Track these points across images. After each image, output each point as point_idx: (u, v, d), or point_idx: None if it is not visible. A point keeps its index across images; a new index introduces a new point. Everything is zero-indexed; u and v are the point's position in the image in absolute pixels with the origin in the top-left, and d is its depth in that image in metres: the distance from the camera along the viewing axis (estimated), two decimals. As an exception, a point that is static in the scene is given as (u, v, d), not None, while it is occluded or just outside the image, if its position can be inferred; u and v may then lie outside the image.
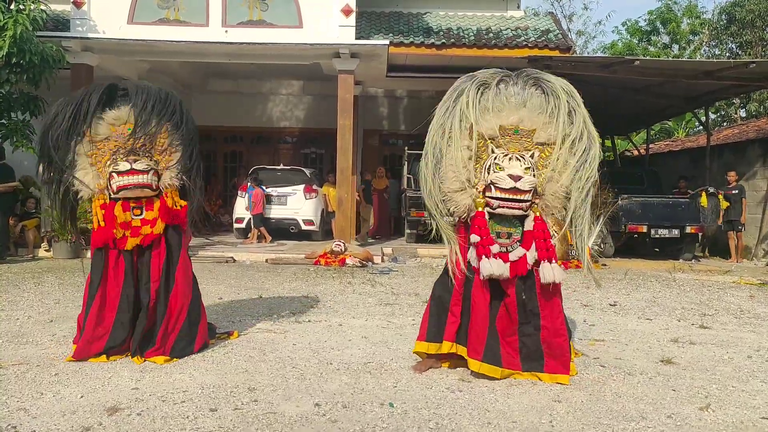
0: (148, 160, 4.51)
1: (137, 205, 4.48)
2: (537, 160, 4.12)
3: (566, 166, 4.12)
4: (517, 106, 4.15)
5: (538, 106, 4.15)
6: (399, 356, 4.66)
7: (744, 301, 7.68)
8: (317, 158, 18.66)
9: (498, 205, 4.04)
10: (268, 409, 3.49)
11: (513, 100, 4.17)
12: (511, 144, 4.13)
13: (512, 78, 4.26)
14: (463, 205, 4.12)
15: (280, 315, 6.15)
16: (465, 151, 4.10)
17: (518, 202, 4.03)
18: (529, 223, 4.11)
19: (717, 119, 25.10)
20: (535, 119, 4.13)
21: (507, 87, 4.22)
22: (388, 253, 11.70)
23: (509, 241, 4.09)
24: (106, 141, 4.52)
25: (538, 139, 4.13)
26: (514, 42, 13.10)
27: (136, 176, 4.40)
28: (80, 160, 4.50)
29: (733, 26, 23.20)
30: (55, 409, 3.45)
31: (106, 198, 4.48)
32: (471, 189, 4.11)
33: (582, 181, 4.10)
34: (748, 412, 3.63)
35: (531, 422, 3.37)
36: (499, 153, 4.09)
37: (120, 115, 4.54)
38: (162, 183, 4.55)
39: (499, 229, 4.11)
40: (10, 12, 10.15)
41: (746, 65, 11.42)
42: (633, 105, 15.57)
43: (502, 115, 4.13)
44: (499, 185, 4.00)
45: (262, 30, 11.94)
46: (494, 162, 4.06)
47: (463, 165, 4.09)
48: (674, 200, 12.47)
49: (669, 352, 4.98)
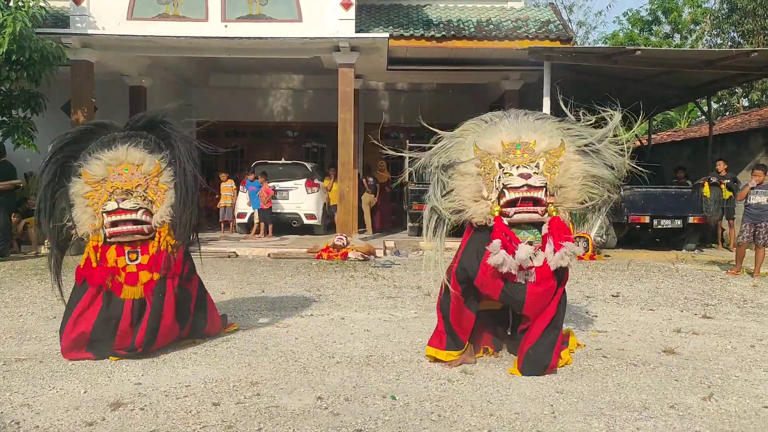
0: (141, 199, 4.37)
1: (132, 249, 4.35)
2: (543, 168, 4.19)
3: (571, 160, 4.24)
4: (515, 129, 4.34)
5: (533, 126, 4.37)
6: (401, 349, 4.67)
7: (747, 290, 7.67)
8: (318, 152, 18.64)
9: (514, 211, 4.08)
10: (271, 403, 3.50)
11: (508, 124, 4.39)
12: (515, 158, 4.21)
13: (503, 112, 4.60)
14: (480, 213, 4.18)
15: (283, 309, 6.16)
16: (473, 166, 4.23)
17: (533, 203, 4.07)
18: (545, 227, 4.14)
19: (719, 109, 24.99)
20: (531, 132, 4.30)
21: (501, 120, 4.47)
22: (390, 247, 11.69)
23: (532, 247, 4.07)
24: (102, 182, 4.38)
25: (540, 147, 4.23)
26: (515, 33, 13.03)
27: (124, 215, 4.27)
28: (77, 200, 4.38)
29: (734, 15, 23.08)
30: (58, 404, 3.46)
31: (100, 239, 4.35)
32: (485, 201, 4.20)
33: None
34: (751, 402, 3.62)
35: (533, 413, 3.37)
36: (507, 166, 4.19)
37: (117, 155, 4.40)
38: (154, 221, 4.40)
39: (520, 237, 4.11)
40: (10, 9, 10.12)
41: (748, 54, 11.35)
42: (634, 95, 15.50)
43: (502, 135, 4.29)
44: (511, 185, 4.07)
45: (261, 24, 11.90)
46: (503, 172, 4.16)
47: (473, 179, 4.22)
48: (677, 191, 12.43)
49: (672, 342, 4.98)
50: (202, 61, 15.41)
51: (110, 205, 4.29)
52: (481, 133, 4.38)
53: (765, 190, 9.00)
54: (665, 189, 12.54)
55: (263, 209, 13.06)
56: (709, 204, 12.00)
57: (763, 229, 8.90)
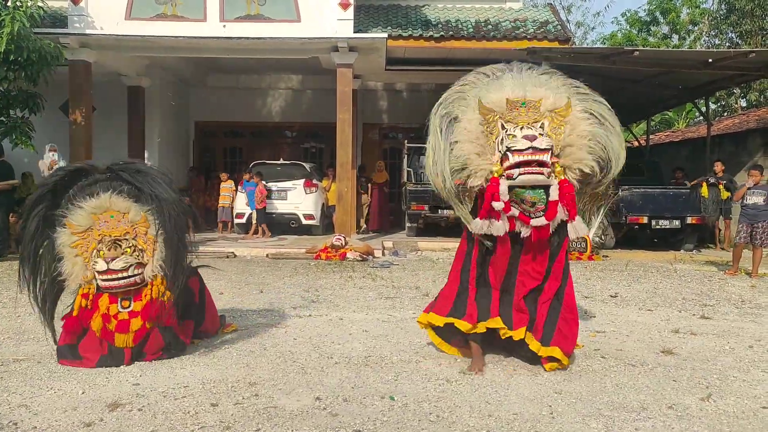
0: (131, 251, 4.18)
1: (125, 296, 4.23)
2: (548, 129, 4.08)
3: (579, 120, 4.14)
4: (519, 84, 4.21)
5: (538, 81, 4.25)
6: (400, 349, 4.66)
7: (745, 291, 7.67)
8: (317, 152, 18.63)
9: (518, 173, 3.96)
10: (269, 404, 3.50)
11: (513, 79, 4.26)
12: (519, 117, 4.09)
13: (509, 68, 4.41)
14: (482, 170, 4.07)
15: (281, 310, 6.15)
16: (476, 123, 4.11)
17: (538, 165, 3.96)
18: (554, 192, 4.03)
19: (717, 109, 25.03)
20: (538, 89, 4.16)
21: (505, 74, 4.35)
22: (388, 247, 11.69)
23: (533, 209, 4.03)
24: (89, 231, 4.21)
25: (546, 106, 4.10)
26: (513, 34, 13.04)
27: (114, 275, 4.13)
28: (65, 251, 4.21)
29: (732, 16, 23.10)
30: (56, 405, 3.45)
31: (92, 288, 4.23)
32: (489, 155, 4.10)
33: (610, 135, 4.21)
34: (749, 402, 3.63)
35: (531, 414, 3.37)
36: (511, 126, 4.07)
37: (101, 203, 4.19)
38: (146, 273, 4.23)
39: (524, 196, 4.03)
40: (8, 9, 10.11)
41: (746, 55, 11.36)
42: (633, 96, 15.52)
43: (506, 91, 4.15)
44: (515, 147, 3.95)
45: (260, 24, 11.89)
46: (507, 134, 4.05)
47: (476, 135, 4.10)
48: (675, 191, 12.44)
49: (670, 342, 4.98)
50: (201, 62, 15.40)
51: (100, 264, 4.12)
52: (483, 87, 4.25)
53: (761, 191, 9.02)
54: (663, 189, 12.56)
55: (257, 209, 13.06)
56: (707, 204, 12.02)
57: (760, 229, 8.92)
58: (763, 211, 8.96)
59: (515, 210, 4.02)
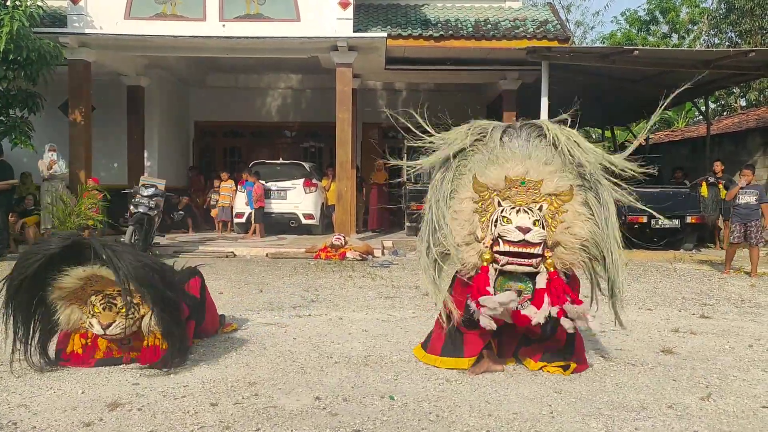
0: (125, 310, 3.96)
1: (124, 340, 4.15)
2: (546, 212, 3.90)
3: (578, 217, 3.94)
4: (522, 157, 3.99)
5: (544, 157, 4.00)
6: (399, 349, 4.66)
7: (745, 290, 7.68)
8: (316, 152, 18.63)
9: (507, 261, 3.82)
10: (269, 403, 3.49)
11: (518, 152, 4.03)
12: (518, 196, 3.91)
13: (516, 130, 4.15)
14: (470, 262, 3.92)
15: (281, 309, 6.15)
16: (469, 203, 3.93)
17: (528, 257, 3.79)
18: (541, 281, 3.86)
19: (717, 109, 25.02)
20: (541, 170, 3.95)
21: (511, 140, 4.10)
22: (388, 247, 11.69)
23: (520, 298, 3.86)
24: (80, 289, 4.04)
25: (546, 189, 3.92)
26: (513, 33, 13.04)
27: (111, 336, 4.02)
28: (58, 303, 4.04)
29: (732, 15, 23.09)
30: (55, 405, 3.45)
31: (90, 334, 4.13)
32: (478, 244, 3.91)
33: (606, 229, 3.95)
34: (749, 402, 3.62)
35: (531, 413, 3.37)
36: (506, 206, 3.87)
37: (89, 273, 3.98)
38: (143, 327, 4.09)
39: (509, 286, 3.87)
40: (7, 8, 10.10)
41: (746, 54, 11.36)
42: (632, 95, 15.53)
43: (507, 167, 3.96)
44: (507, 238, 3.75)
45: (259, 24, 11.89)
46: (501, 215, 3.83)
47: (467, 218, 3.93)
48: (674, 190, 12.44)
49: (670, 342, 4.99)
50: (200, 61, 15.39)
51: (96, 328, 4.00)
52: (485, 158, 4.02)
53: (753, 190, 9.12)
54: (663, 189, 12.56)
55: (255, 209, 13.06)
56: (706, 204, 12.02)
57: (753, 228, 8.99)
58: (755, 210, 9.05)
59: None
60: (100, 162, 14.29)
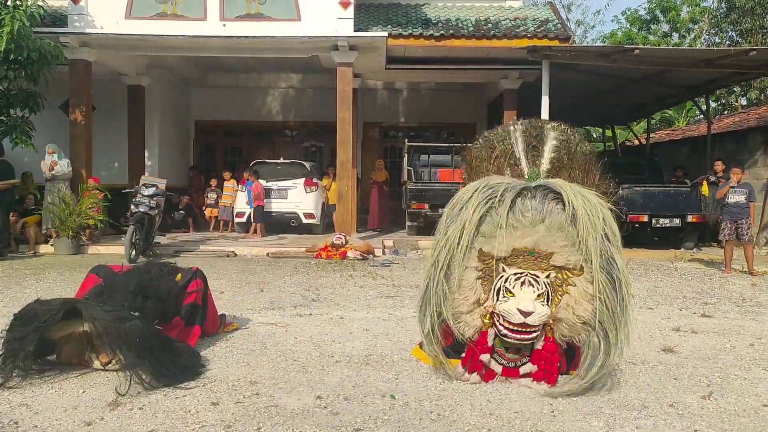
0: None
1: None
2: (553, 281, 3.70)
3: (583, 296, 3.68)
4: (533, 223, 3.69)
5: (558, 225, 3.68)
6: (400, 348, 4.66)
7: (746, 289, 7.67)
8: (317, 151, 18.64)
9: (505, 333, 3.70)
10: (270, 402, 3.49)
11: (530, 216, 3.70)
12: (525, 263, 3.73)
13: (530, 191, 3.78)
14: (472, 326, 3.79)
15: (281, 308, 6.15)
16: (473, 272, 3.76)
17: (528, 332, 3.67)
18: (539, 342, 3.76)
19: (717, 108, 25.02)
20: (552, 242, 3.69)
21: (524, 201, 3.75)
22: (388, 246, 11.69)
23: (518, 356, 3.81)
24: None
25: (555, 262, 3.71)
26: (514, 32, 13.03)
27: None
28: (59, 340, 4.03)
29: (733, 14, 23.08)
30: (56, 404, 3.45)
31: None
32: (480, 308, 3.78)
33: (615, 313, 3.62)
34: (750, 400, 3.62)
35: (532, 412, 3.37)
36: (510, 274, 3.68)
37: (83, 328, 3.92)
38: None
39: (508, 343, 3.79)
40: (8, 8, 10.11)
41: (746, 53, 11.35)
42: (633, 94, 15.52)
43: (516, 236, 3.71)
44: (507, 319, 3.63)
45: (260, 23, 11.89)
46: (504, 286, 3.65)
47: (470, 286, 3.77)
48: (675, 189, 12.44)
49: (671, 341, 4.98)
50: (201, 61, 15.40)
51: (96, 364, 4.03)
52: (492, 222, 3.72)
53: (743, 189, 9.26)
54: (664, 188, 12.55)
55: (253, 208, 13.06)
56: (707, 203, 12.01)
57: (744, 225, 9.09)
58: (745, 208, 9.20)
59: (497, 366, 3.82)
60: (101, 161, 14.30)
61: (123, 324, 3.80)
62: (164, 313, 4.40)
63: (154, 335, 3.95)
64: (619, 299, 3.60)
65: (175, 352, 4.05)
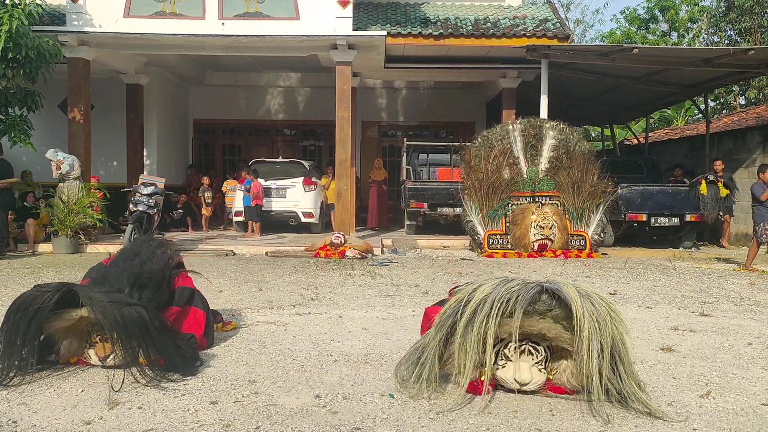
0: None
1: None
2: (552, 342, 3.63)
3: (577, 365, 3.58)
4: (541, 313, 3.56)
5: (563, 317, 3.55)
6: (399, 347, 4.66)
7: (744, 288, 7.68)
8: (316, 150, 18.64)
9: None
10: (269, 401, 3.50)
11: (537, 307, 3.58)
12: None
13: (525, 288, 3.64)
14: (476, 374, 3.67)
15: (280, 307, 6.15)
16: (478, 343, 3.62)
17: (525, 392, 3.61)
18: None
19: (716, 107, 25.04)
20: (555, 332, 3.56)
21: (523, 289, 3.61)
22: (387, 245, 11.69)
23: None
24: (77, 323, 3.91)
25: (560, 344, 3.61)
26: (513, 31, 13.04)
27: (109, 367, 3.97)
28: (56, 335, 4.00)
29: (732, 13, 23.12)
30: (55, 403, 3.45)
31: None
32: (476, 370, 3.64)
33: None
34: (749, 399, 3.63)
35: (531, 411, 3.37)
36: (510, 341, 3.60)
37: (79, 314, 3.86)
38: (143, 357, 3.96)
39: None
40: (6, 6, 10.10)
41: (745, 52, 11.37)
42: (632, 93, 15.53)
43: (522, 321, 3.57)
44: (502, 385, 3.65)
45: (258, 22, 11.90)
46: (503, 350, 3.62)
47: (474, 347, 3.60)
48: (674, 188, 12.45)
49: (669, 340, 4.99)
50: (200, 59, 15.40)
51: (94, 359, 4.00)
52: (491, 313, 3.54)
53: None
54: (662, 187, 12.56)
55: (251, 206, 13.06)
56: (706, 202, 12.03)
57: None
58: None
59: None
60: (99, 160, 14.31)
61: (122, 308, 3.78)
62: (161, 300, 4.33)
63: (155, 319, 3.95)
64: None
65: (175, 339, 4.06)
